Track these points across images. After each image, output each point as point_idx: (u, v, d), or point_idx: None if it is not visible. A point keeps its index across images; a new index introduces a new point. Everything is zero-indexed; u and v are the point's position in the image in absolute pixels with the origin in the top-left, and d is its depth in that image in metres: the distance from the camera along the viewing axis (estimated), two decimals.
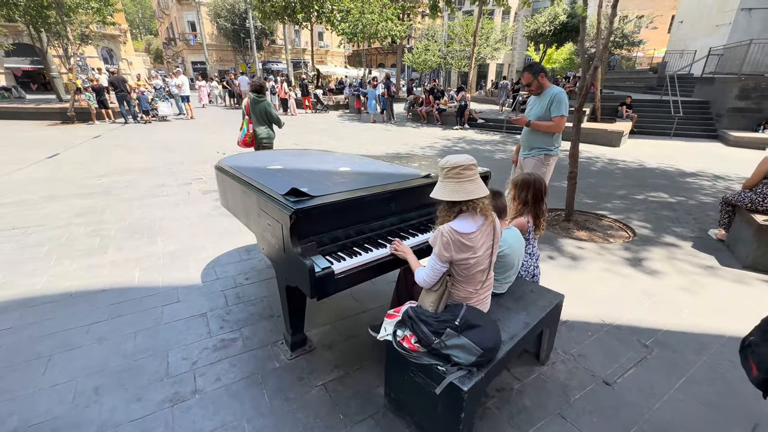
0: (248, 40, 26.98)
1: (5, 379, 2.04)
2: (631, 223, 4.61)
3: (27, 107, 13.96)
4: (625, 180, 6.77)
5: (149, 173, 6.56)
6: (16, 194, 5.33)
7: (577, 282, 3.19)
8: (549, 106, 3.24)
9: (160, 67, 47.78)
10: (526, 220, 2.24)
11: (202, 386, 2.00)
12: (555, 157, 3.46)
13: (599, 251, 3.81)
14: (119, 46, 34.15)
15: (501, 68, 34.13)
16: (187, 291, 2.94)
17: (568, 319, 2.61)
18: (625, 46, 24.50)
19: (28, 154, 7.90)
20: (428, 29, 29.40)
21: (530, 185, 2.27)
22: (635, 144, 10.74)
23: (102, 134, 10.59)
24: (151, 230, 4.12)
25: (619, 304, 2.85)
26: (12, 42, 24.28)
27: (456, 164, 1.56)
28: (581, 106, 4.20)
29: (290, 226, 1.69)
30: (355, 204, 1.94)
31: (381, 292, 2.93)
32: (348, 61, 42.22)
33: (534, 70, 3.26)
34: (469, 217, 1.59)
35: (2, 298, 2.81)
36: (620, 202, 5.48)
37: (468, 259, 1.59)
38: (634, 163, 8.31)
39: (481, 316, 1.61)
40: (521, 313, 1.90)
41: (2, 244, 3.72)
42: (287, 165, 2.66)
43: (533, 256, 2.36)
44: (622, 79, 19.24)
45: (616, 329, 2.55)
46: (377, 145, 9.72)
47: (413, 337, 1.61)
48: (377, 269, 1.91)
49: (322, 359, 2.23)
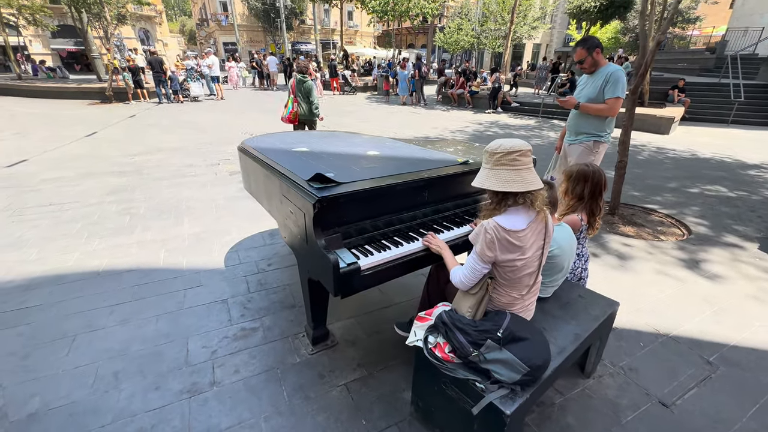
0: (278, 20, 26.78)
1: (32, 357, 2.04)
2: (685, 219, 4.17)
3: (69, 87, 14.53)
4: (676, 171, 6.18)
5: (179, 153, 6.62)
6: (56, 170, 5.50)
7: (625, 284, 2.88)
8: (603, 87, 2.87)
9: (193, 48, 48.65)
10: (579, 218, 1.97)
11: (220, 378, 1.92)
12: (606, 145, 3.11)
13: (649, 250, 3.45)
14: (155, 27, 34.95)
15: (538, 48, 32.31)
16: (209, 275, 2.88)
17: (616, 326, 2.34)
18: (679, 24, 22.45)
19: (69, 132, 8.19)
20: (462, 7, 28.07)
21: (588, 178, 1.98)
22: (687, 131, 9.85)
23: (137, 114, 10.85)
24: (179, 210, 4.11)
25: (676, 312, 2.54)
26: (57, 23, 25.36)
27: (512, 149, 1.32)
28: (637, 88, 3.75)
29: (314, 215, 1.52)
30: (385, 192, 1.74)
31: (409, 285, 2.76)
32: (377, 41, 41.29)
33: (588, 44, 2.88)
34: (520, 211, 1.36)
35: (35, 274, 2.86)
36: (671, 195, 4.99)
37: (515, 260, 1.37)
38: (685, 152, 7.60)
39: (527, 327, 1.40)
40: (570, 323, 1.67)
41: (39, 220, 3.82)
42: (313, 147, 2.49)
43: (582, 257, 2.10)
44: (673, 60, 17.64)
45: (672, 341, 2.27)
46: (405, 128, 9.41)
47: (447, 346, 1.43)
48: (408, 266, 1.72)
49: (344, 356, 2.10)
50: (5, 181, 5.04)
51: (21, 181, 5.04)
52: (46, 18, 19.41)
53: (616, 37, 24.07)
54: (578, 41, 2.94)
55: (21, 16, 19.04)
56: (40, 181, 5.05)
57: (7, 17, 18.87)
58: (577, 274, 2.10)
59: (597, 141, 3.09)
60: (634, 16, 21.43)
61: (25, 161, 6.00)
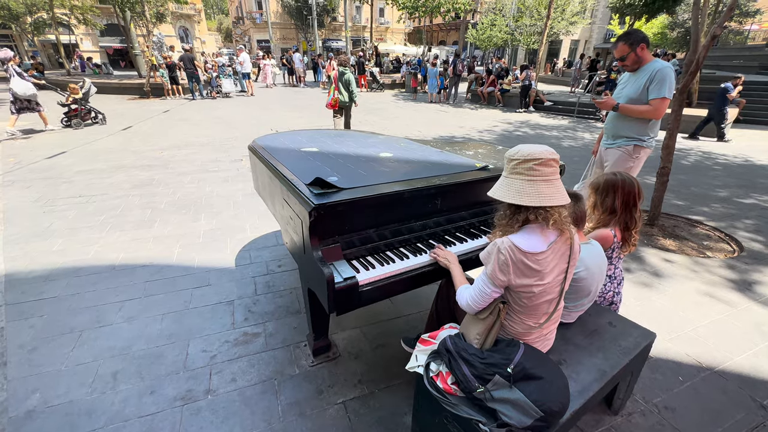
0: (310, 18, 27.06)
1: (38, 351, 2.06)
2: (736, 234, 3.75)
3: (112, 82, 15.29)
4: (727, 179, 5.63)
5: (206, 148, 6.75)
6: (90, 163, 5.74)
7: (662, 305, 2.59)
8: (647, 85, 2.57)
9: (229, 45, 50.20)
10: (612, 233, 1.74)
11: (216, 386, 1.86)
12: (648, 150, 2.80)
13: (693, 267, 3.11)
14: (194, 25, 36.31)
15: (576, 45, 30.85)
16: (219, 274, 2.85)
17: (649, 355, 2.09)
18: (736, 18, 20.71)
19: (107, 126, 8.58)
20: (496, 3, 27.22)
21: (617, 188, 1.74)
22: (740, 135, 9.02)
23: (171, 109, 11.23)
24: (198, 206, 4.14)
25: (723, 343, 2.24)
26: (105, 23, 26.86)
27: (529, 156, 1.14)
28: (686, 87, 3.39)
29: (310, 223, 1.41)
30: (392, 200, 1.60)
31: (420, 296, 2.60)
32: (408, 38, 40.90)
33: (631, 39, 2.57)
34: (536, 230, 1.18)
35: (56, 265, 2.94)
36: (720, 205, 4.53)
37: (531, 286, 1.19)
38: (738, 157, 6.94)
39: (543, 363, 1.22)
40: (596, 356, 1.46)
41: (67, 211, 3.96)
42: (324, 148, 2.38)
43: (614, 279, 1.86)
44: (727, 56, 16.27)
45: (718, 377, 1.99)
46: (431, 127, 9.17)
47: (450, 377, 1.27)
48: (413, 281, 1.57)
49: (345, 370, 1.98)
50: (45, 171, 5.30)
51: (58, 172, 5.28)
52: (95, 17, 20.62)
53: (663, 32, 22.50)
54: (620, 35, 2.64)
55: (73, 16, 20.32)
56: (74, 172, 5.27)
57: (60, 17, 20.17)
58: (608, 298, 1.87)
59: (638, 146, 2.79)
60: (684, 9, 19.96)
61: (64, 153, 6.31)
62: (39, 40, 25.98)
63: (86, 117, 8.75)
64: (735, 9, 12.96)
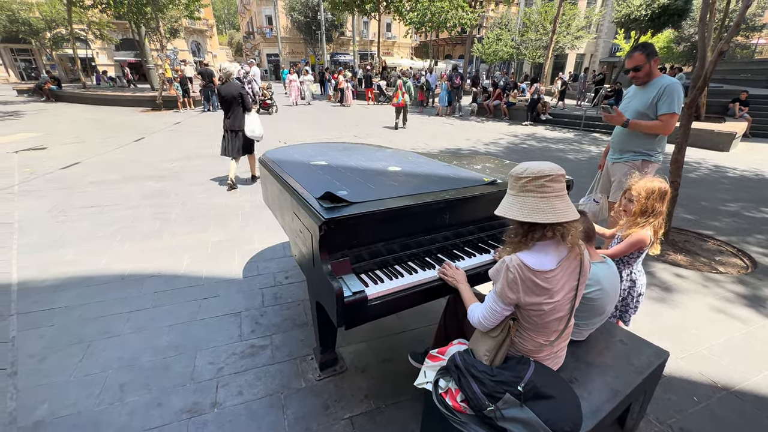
0: (319, 33, 27.64)
1: (47, 361, 2.08)
2: (749, 249, 3.69)
3: (125, 95, 15.68)
4: (738, 193, 5.56)
5: (215, 159, 6.83)
6: (104, 173, 5.85)
7: (673, 322, 2.55)
8: (656, 100, 2.57)
9: (239, 59, 51.35)
10: (649, 235, 1.79)
11: (222, 399, 1.85)
12: (656, 165, 2.79)
13: (705, 283, 3.06)
14: (206, 40, 37.31)
15: (581, 59, 31.05)
16: (227, 285, 2.86)
17: (663, 374, 2.04)
18: (742, 32, 20.75)
19: (120, 137, 8.77)
20: (501, 18, 27.60)
21: (665, 192, 1.81)
22: (750, 148, 8.95)
23: (182, 120, 11.46)
24: (207, 217, 4.19)
25: (738, 362, 2.18)
26: (120, 37, 27.73)
27: (540, 173, 1.14)
28: (694, 101, 3.39)
29: (320, 237, 1.42)
30: (401, 214, 1.61)
31: (428, 309, 2.58)
32: (414, 52, 41.54)
33: (648, 50, 2.57)
34: (549, 247, 1.18)
35: (67, 275, 2.97)
36: (732, 220, 4.47)
37: (541, 304, 1.18)
38: (748, 171, 6.87)
39: (555, 381, 1.20)
40: (608, 374, 1.44)
41: (80, 221, 4.03)
42: (332, 161, 2.41)
43: (636, 286, 1.89)
44: (735, 70, 16.26)
45: (734, 398, 1.93)
46: (438, 139, 9.23)
47: (459, 394, 1.26)
48: (422, 295, 1.57)
49: (352, 385, 1.96)
50: (59, 182, 5.41)
51: (72, 182, 5.39)
52: (111, 32, 21.31)
53: (669, 46, 22.60)
54: (636, 45, 2.64)
55: (90, 32, 21.02)
56: (88, 183, 5.37)
57: (78, 32, 20.87)
58: (632, 305, 1.90)
59: (646, 160, 2.78)
60: (689, 24, 20.06)
61: (78, 163, 6.44)
62: (57, 54, 26.85)
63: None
64: (741, 24, 12.99)
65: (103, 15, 18.35)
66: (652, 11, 17.84)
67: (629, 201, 1.91)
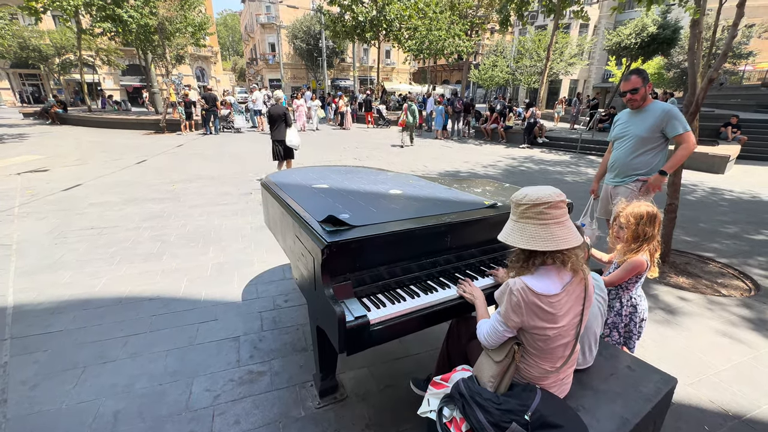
0: (320, 59, 28.49)
1: (40, 387, 2.02)
2: (751, 271, 3.68)
3: (129, 118, 15.97)
4: (735, 215, 5.60)
5: (216, 181, 6.90)
6: (104, 195, 5.88)
7: (678, 347, 2.51)
8: (663, 126, 2.65)
9: (242, 84, 52.68)
10: (645, 259, 1.78)
11: (218, 429, 1.79)
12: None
13: (708, 306, 3.03)
14: (210, 66, 38.40)
15: (575, 84, 31.97)
16: (225, 309, 2.82)
17: (672, 401, 1.99)
18: (730, 60, 21.47)
19: (122, 159, 8.86)
20: (497, 45, 28.62)
21: (655, 216, 1.80)
22: (744, 171, 9.08)
23: (184, 143, 11.63)
24: (207, 239, 4.18)
25: (748, 388, 2.14)
26: (126, 63, 28.54)
27: (538, 200, 1.16)
28: None
29: (322, 261, 1.42)
30: (403, 238, 1.62)
31: (429, 334, 2.53)
32: (413, 77, 42.70)
33: (644, 75, 2.68)
34: (552, 272, 1.18)
35: (64, 298, 2.94)
36: (732, 242, 4.48)
37: (545, 329, 1.17)
38: (744, 194, 6.94)
39: (562, 409, 1.17)
40: (616, 402, 1.40)
41: (78, 243, 4.02)
42: (334, 184, 2.43)
43: (638, 311, 1.87)
44: (725, 96, 16.74)
45: (746, 427, 1.88)
46: (437, 162, 9.35)
47: (464, 423, 1.23)
48: (424, 320, 1.55)
49: (353, 413, 1.91)
50: (59, 203, 5.42)
51: (72, 204, 5.40)
52: (118, 58, 21.94)
53: (660, 72, 23.33)
54: (632, 70, 2.75)
55: (98, 57, 21.64)
56: (88, 204, 5.39)
57: (86, 58, 21.48)
58: (635, 330, 1.86)
59: None
60: (678, 51, 20.79)
61: (79, 185, 6.48)
62: (64, 79, 27.52)
63: None
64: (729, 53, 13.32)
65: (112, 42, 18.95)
66: (641, 40, 18.55)
67: (620, 228, 1.90)
